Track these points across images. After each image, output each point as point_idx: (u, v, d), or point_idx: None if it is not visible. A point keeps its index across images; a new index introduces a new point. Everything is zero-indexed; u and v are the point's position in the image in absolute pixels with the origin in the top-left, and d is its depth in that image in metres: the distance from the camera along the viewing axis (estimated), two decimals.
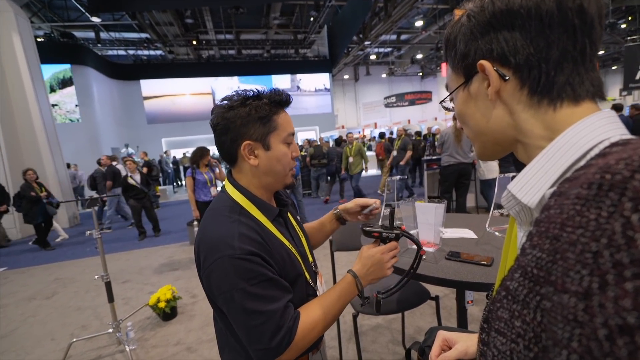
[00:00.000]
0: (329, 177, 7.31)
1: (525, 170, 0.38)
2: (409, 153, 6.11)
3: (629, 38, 10.52)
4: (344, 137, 7.00)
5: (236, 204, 0.75)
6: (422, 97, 17.80)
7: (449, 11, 11.65)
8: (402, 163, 6.23)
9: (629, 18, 13.09)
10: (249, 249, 0.66)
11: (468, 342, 0.60)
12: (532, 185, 0.37)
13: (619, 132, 0.34)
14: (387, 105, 18.96)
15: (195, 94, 14.61)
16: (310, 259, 0.88)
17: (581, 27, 0.35)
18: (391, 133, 10.59)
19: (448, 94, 0.48)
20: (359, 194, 6.10)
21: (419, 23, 13.26)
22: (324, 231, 1.03)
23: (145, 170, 6.78)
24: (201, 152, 3.68)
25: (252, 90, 0.76)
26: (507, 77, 0.38)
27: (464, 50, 0.41)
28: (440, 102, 0.51)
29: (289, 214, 0.88)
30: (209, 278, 0.67)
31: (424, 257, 1.24)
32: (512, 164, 3.94)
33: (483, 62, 0.39)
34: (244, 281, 0.64)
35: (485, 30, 0.39)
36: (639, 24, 12.49)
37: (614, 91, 19.26)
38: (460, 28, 0.42)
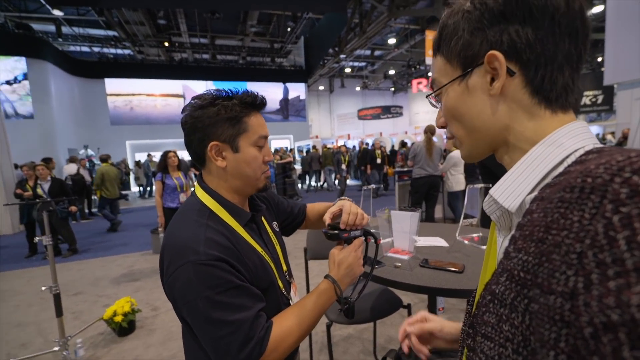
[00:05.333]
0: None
1: (506, 176, 0.39)
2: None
3: None
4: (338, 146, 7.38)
5: (205, 208, 0.72)
6: (371, 114, 18.76)
7: (420, 32, 12.29)
8: None
9: None
10: (215, 255, 0.62)
11: (444, 322, 0.64)
12: (512, 190, 0.37)
13: (591, 141, 0.35)
14: (359, 118, 19.47)
15: (165, 95, 14.04)
16: (284, 267, 0.84)
17: (582, 34, 0.36)
18: (366, 144, 10.85)
19: (437, 88, 0.45)
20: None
21: (391, 41, 13.83)
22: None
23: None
24: (165, 156, 3.51)
25: (224, 90, 0.73)
26: (514, 72, 0.37)
27: (468, 40, 0.39)
28: (427, 97, 0.49)
29: (264, 220, 0.84)
30: (172, 286, 0.63)
31: (398, 264, 1.24)
32: (478, 176, 4.15)
33: (496, 52, 0.36)
34: (208, 289, 0.60)
35: (496, 20, 0.37)
36: None
37: None
38: (464, 15, 0.39)
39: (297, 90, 15.71)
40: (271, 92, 15.17)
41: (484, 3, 0.37)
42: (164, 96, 14.06)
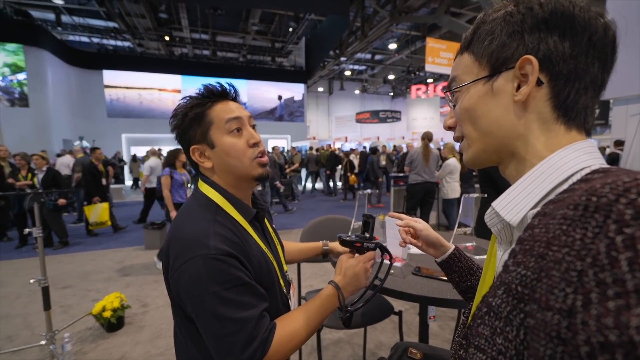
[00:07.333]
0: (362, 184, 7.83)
1: (510, 190, 0.39)
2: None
3: None
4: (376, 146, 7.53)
5: (212, 202, 0.70)
6: (366, 117, 19.02)
7: (421, 38, 12.38)
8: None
9: None
10: (226, 250, 0.61)
11: (428, 227, 0.79)
12: (515, 204, 0.37)
13: (598, 161, 0.35)
14: (357, 121, 19.54)
15: (163, 89, 13.92)
16: (285, 267, 0.85)
17: (609, 62, 0.37)
18: (364, 147, 10.92)
19: (458, 85, 0.44)
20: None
21: (392, 46, 13.90)
22: (304, 256, 1.06)
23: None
24: (175, 152, 3.53)
25: (187, 96, 0.74)
26: (542, 83, 0.37)
27: (505, 41, 0.38)
28: (445, 91, 0.48)
29: (265, 220, 0.84)
30: (178, 280, 0.61)
31: (391, 271, 1.25)
32: (474, 184, 4.18)
33: (531, 57, 0.36)
34: (217, 284, 0.59)
35: (537, 27, 0.36)
36: None
37: None
38: (506, 17, 0.38)
39: (293, 91, 15.68)
40: (270, 92, 15.16)
41: (530, 8, 0.36)
42: (162, 90, 13.95)
